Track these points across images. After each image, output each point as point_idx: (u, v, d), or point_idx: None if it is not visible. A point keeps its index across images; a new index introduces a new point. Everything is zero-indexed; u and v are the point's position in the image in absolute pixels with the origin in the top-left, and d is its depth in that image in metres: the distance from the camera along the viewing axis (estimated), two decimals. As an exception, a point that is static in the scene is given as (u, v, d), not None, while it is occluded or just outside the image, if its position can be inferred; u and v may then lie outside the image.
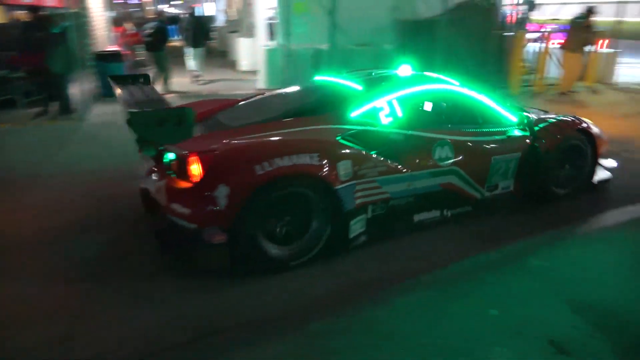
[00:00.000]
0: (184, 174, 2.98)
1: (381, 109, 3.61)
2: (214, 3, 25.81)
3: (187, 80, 11.46)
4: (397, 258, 3.38)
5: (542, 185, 4.21)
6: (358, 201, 3.34)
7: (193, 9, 12.30)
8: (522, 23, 10.20)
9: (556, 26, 11.84)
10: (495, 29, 9.56)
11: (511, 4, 11.78)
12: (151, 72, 10.45)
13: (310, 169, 3.09)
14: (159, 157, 3.21)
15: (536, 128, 4.14)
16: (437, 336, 2.48)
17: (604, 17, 10.80)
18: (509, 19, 11.13)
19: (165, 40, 10.20)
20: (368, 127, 3.50)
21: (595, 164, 4.47)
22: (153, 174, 3.32)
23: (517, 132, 4.10)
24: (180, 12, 32.93)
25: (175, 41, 15.50)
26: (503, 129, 4.06)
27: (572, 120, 4.45)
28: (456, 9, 9.48)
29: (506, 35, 10.04)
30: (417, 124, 3.70)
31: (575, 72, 9.44)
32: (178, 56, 11.96)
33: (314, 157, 3.11)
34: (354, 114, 3.53)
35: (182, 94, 10.11)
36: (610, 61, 10.47)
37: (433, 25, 8.87)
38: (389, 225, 3.59)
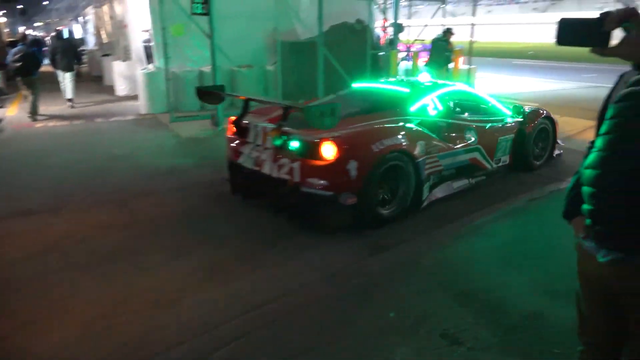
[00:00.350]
0: (317, 155, 3.86)
1: (427, 104, 4.80)
2: (80, 25, 24.17)
3: (61, 105, 10.65)
4: (290, 273, 3.42)
5: (526, 158, 5.58)
6: (427, 172, 4.42)
7: (60, 31, 11.39)
8: (392, 43, 11.04)
9: (421, 46, 13.01)
10: (370, 49, 10.21)
11: (381, 26, 12.71)
12: (22, 97, 9.54)
13: (404, 146, 4.17)
14: (283, 146, 4.01)
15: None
16: (340, 346, 2.56)
17: (460, 37, 12.13)
18: (382, 40, 11.97)
19: (39, 64, 9.67)
20: (425, 118, 4.65)
21: (555, 141, 5.98)
22: (275, 160, 4.09)
23: (509, 120, 5.48)
24: (44, 34, 30.31)
25: (43, 65, 14.36)
26: (502, 117, 5.45)
27: (539, 109, 5.97)
28: (332, 31, 9.96)
29: (380, 55, 10.78)
30: (451, 115, 4.95)
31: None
32: (49, 82, 11.07)
33: (405, 138, 4.21)
34: (412, 108, 4.68)
35: (58, 118, 9.36)
36: (470, 75, 11.76)
37: (311, 46, 9.22)
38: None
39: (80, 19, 23.50)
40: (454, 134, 4.78)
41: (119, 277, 3.38)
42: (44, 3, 36.79)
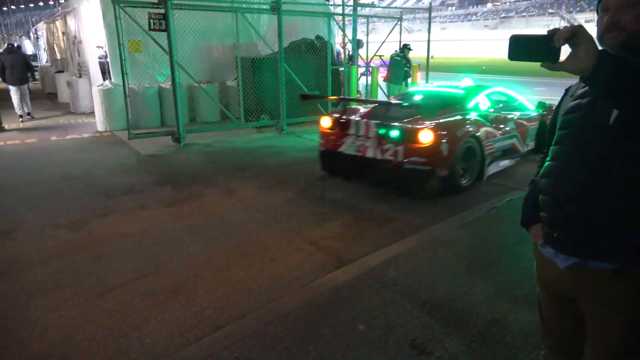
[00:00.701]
0: (417, 140, 5.00)
1: (479, 102, 6.12)
2: (30, 42, 23.43)
3: (12, 122, 10.29)
4: (257, 288, 3.39)
5: (544, 144, 6.58)
6: (486, 152, 5.59)
7: (12, 44, 11.02)
8: (353, 59, 11.22)
9: (380, 61, 13.27)
10: (331, 65, 10.34)
11: (340, 43, 12.89)
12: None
13: (475, 132, 5.44)
14: (385, 135, 5.18)
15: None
16: (312, 361, 2.54)
17: (417, 53, 12.47)
18: (342, 56, 12.16)
19: None
20: (480, 112, 5.90)
21: None
22: (379, 146, 5.23)
23: (533, 113, 6.93)
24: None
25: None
26: (529, 111, 6.93)
27: (552, 105, 7.10)
28: (292, 47, 10.05)
29: (340, 70, 10.94)
30: (497, 109, 6.27)
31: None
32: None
33: (474, 126, 5.48)
34: (470, 105, 5.95)
35: (9, 136, 9.02)
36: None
37: (273, 62, 9.26)
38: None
39: (32, 35, 22.75)
40: (499, 125, 6.00)
41: (77, 301, 3.24)
42: (-8, 18, 35.41)
